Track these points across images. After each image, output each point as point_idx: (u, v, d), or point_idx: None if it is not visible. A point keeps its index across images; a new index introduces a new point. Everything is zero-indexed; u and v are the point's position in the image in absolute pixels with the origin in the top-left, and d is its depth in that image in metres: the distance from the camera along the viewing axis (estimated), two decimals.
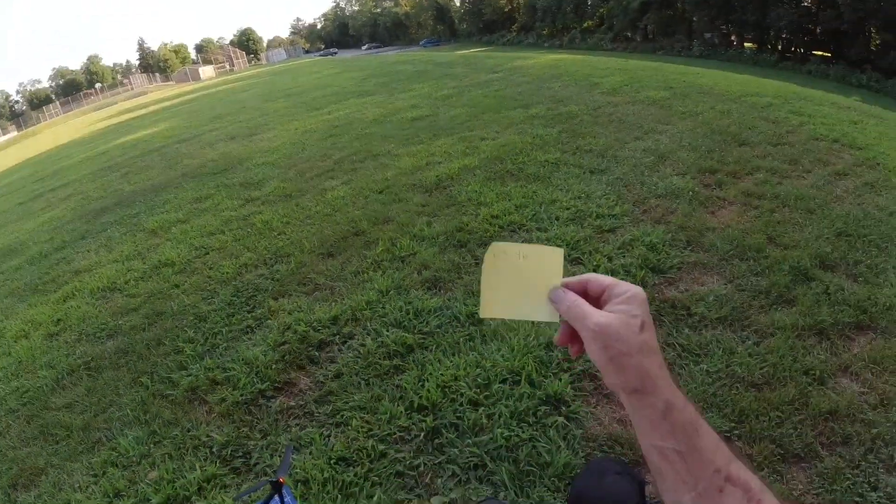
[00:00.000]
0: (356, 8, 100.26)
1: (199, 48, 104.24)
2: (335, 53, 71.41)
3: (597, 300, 0.52)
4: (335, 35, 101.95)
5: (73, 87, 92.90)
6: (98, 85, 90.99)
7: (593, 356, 0.49)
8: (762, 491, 0.46)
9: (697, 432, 0.46)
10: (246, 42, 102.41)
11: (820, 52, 30.51)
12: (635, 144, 4.88)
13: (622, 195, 3.79)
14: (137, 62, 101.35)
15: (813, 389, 2.01)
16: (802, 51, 31.41)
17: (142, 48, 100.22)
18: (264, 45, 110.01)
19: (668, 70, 9.36)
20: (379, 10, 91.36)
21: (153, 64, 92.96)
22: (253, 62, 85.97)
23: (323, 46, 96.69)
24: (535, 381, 2.19)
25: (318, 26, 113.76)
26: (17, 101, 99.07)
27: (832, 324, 2.31)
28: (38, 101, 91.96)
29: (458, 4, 69.78)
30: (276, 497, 1.24)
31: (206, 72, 68.61)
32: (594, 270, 2.87)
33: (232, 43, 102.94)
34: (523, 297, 0.54)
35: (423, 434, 2.04)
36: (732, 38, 36.08)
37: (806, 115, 5.43)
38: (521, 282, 0.54)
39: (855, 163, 4.10)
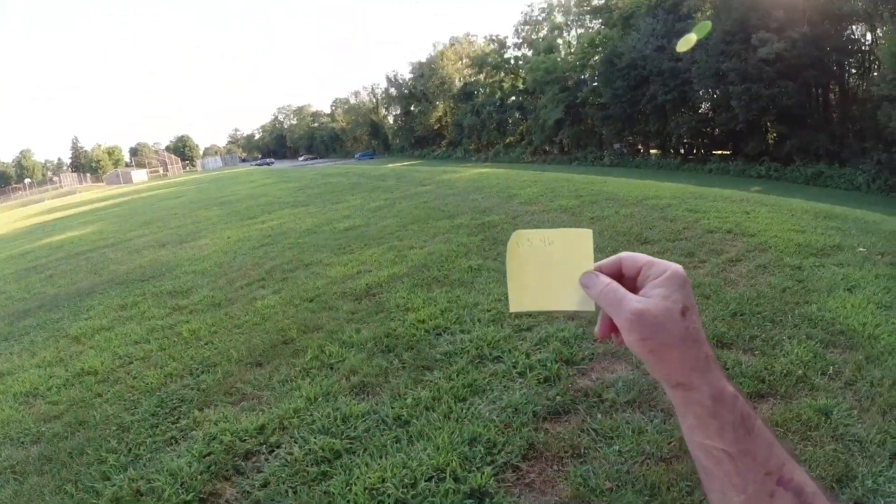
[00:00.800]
0: (294, 122, 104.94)
1: (134, 151, 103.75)
2: (271, 163, 73.19)
3: (633, 282, 0.49)
4: (273, 146, 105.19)
5: (1, 180, 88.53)
6: (27, 180, 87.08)
7: (631, 347, 0.45)
8: (815, 495, 0.43)
9: (749, 432, 0.43)
10: (182, 148, 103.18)
11: (719, 151, 34.44)
12: None
13: None
14: (70, 160, 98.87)
15: None
16: (703, 152, 35.48)
17: (75, 147, 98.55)
18: (200, 152, 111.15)
19: (578, 180, 10.38)
20: (316, 124, 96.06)
21: (85, 163, 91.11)
22: (188, 168, 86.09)
23: (259, 156, 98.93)
24: (460, 477, 2.29)
25: (257, 137, 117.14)
26: None
27: None
28: None
29: (391, 122, 74.98)
30: None
31: (139, 175, 67.86)
32: (513, 368, 3.11)
33: (168, 148, 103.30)
34: (553, 286, 0.51)
35: None
36: (639, 146, 40.87)
37: (701, 212, 6.15)
38: (550, 270, 0.51)
39: (747, 249, 4.64)
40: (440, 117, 63.65)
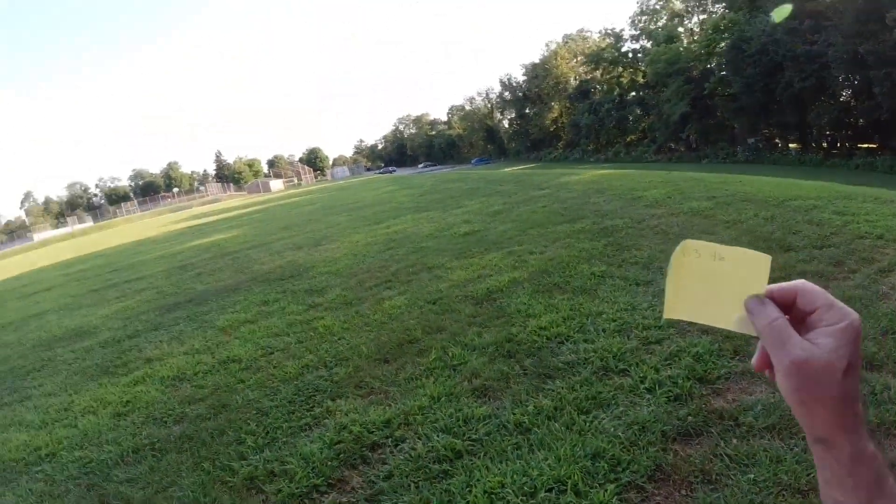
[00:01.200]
0: (413, 131, 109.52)
1: (271, 163, 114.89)
2: (393, 171, 76.94)
3: (805, 315, 0.47)
4: (394, 154, 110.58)
5: (151, 189, 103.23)
6: (175, 189, 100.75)
7: (783, 391, 0.45)
8: None
9: (881, 491, 0.43)
10: (313, 159, 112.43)
11: (865, 145, 30.23)
12: None
13: None
14: (214, 172, 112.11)
15: None
16: (847, 145, 31.32)
17: (218, 159, 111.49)
18: (330, 162, 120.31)
19: (710, 180, 9.58)
20: (434, 132, 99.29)
21: (228, 175, 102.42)
22: (319, 178, 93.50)
23: (382, 164, 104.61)
24: (581, 491, 2.22)
25: (379, 147, 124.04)
26: (95, 195, 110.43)
27: (878, 424, 2.27)
28: (116, 197, 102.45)
29: (506, 126, 75.04)
30: None
31: (276, 185, 74.98)
32: (640, 383, 2.94)
33: (301, 160, 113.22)
34: (715, 302, 0.50)
35: None
36: (776, 140, 36.54)
37: (850, 215, 5.43)
38: (715, 285, 0.50)
39: None
40: (556, 118, 62.37)
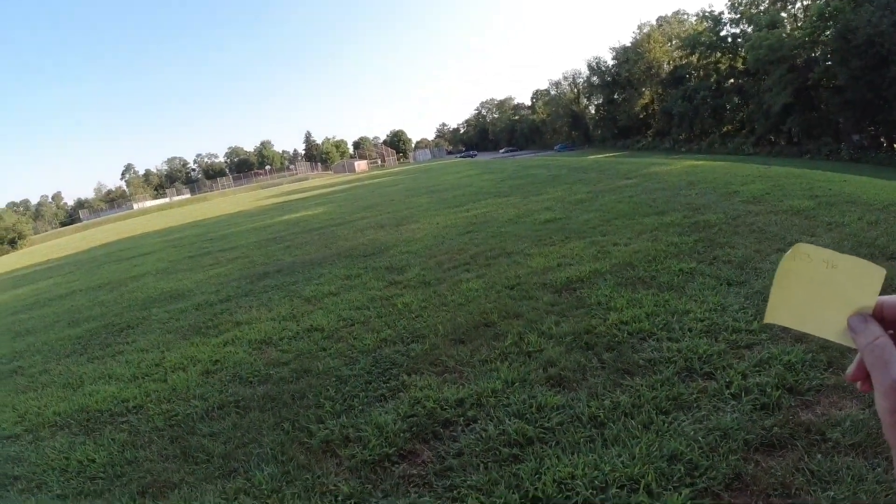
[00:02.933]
0: (496, 115, 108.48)
1: (357, 144, 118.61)
2: (474, 156, 76.90)
3: None
4: (475, 139, 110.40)
5: (245, 166, 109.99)
6: (268, 167, 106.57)
7: (879, 411, 0.44)
8: None
9: None
10: (397, 142, 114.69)
11: None
12: (777, 257, 4.64)
13: (761, 310, 3.63)
14: (303, 151, 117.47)
15: None
16: None
17: (308, 140, 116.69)
18: (412, 145, 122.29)
19: (812, 177, 8.78)
20: (517, 117, 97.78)
21: (316, 154, 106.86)
22: (401, 160, 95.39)
23: (463, 148, 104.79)
24: (654, 492, 2.16)
25: (461, 130, 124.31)
26: (193, 169, 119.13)
27: None
28: (212, 172, 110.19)
29: (592, 112, 72.28)
30: None
31: (361, 166, 77.48)
32: (726, 388, 2.79)
33: (385, 142, 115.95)
34: (820, 310, 0.49)
35: None
36: (881, 139, 32.61)
37: None
38: (822, 292, 0.49)
39: None
40: (646, 105, 59.08)
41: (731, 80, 46.27)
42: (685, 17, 58.01)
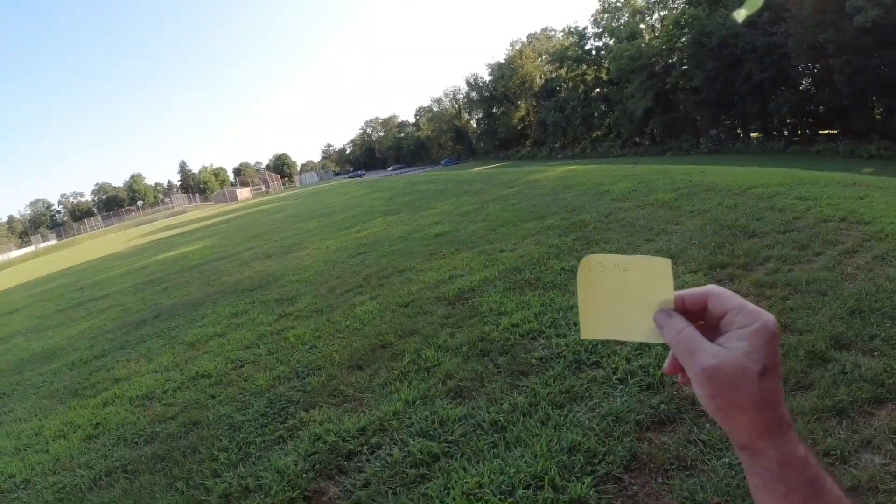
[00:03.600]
0: (381, 133, 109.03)
1: (237, 171, 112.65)
2: (363, 175, 76.52)
3: (717, 321, 0.46)
4: (363, 158, 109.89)
5: (114, 203, 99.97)
6: (140, 202, 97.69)
7: (700, 401, 0.43)
8: None
9: (818, 495, 0.41)
10: (281, 166, 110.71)
11: (826, 131, 31.21)
12: (647, 247, 5.12)
13: None
14: (178, 182, 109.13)
15: (834, 469, 2.01)
16: (808, 132, 32.29)
17: (183, 170, 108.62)
18: (297, 168, 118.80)
19: (674, 172, 9.76)
20: (402, 134, 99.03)
21: (193, 185, 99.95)
22: (287, 184, 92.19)
23: (351, 169, 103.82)
24: (559, 486, 2.23)
25: (347, 150, 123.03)
26: (58, 212, 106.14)
27: (851, 402, 2.33)
28: (79, 213, 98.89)
29: (474, 126, 75.43)
30: None
31: (244, 193, 73.62)
32: (613, 374, 2.97)
33: (268, 167, 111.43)
34: (629, 315, 0.49)
35: None
36: (738, 131, 37.66)
37: (812, 199, 5.60)
38: (624, 297, 0.49)
39: (863, 238, 4.19)
40: (523, 117, 62.98)
41: (598, 90, 50.84)
42: (553, 33, 62.71)
